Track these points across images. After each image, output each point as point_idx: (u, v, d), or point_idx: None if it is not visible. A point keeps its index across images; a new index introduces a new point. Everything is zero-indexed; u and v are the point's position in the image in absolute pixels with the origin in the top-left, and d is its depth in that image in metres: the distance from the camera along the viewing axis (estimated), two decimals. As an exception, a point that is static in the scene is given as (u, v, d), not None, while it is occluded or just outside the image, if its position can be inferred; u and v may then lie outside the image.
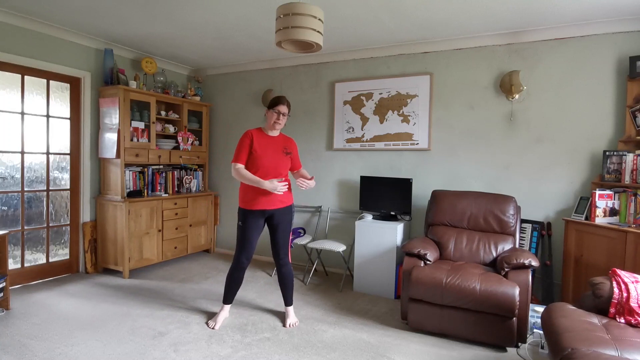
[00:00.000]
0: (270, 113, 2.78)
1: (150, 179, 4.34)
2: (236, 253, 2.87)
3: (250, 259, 2.89)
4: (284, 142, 2.89)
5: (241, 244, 2.84)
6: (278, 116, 2.76)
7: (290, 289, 3.01)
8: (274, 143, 2.83)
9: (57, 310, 3.09)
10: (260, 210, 2.79)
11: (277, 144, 2.84)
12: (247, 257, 2.86)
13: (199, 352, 2.50)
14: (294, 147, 2.95)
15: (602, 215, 2.97)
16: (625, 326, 2.00)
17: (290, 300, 3.01)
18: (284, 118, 2.80)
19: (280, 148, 2.84)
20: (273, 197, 2.78)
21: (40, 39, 3.65)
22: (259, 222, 2.84)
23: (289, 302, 3.00)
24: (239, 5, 3.07)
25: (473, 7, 2.99)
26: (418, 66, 3.95)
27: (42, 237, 3.85)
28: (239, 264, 2.86)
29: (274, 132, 2.86)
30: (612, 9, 2.93)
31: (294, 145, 2.96)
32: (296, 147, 3.00)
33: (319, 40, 2.25)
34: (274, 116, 2.77)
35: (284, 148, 2.86)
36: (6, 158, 3.56)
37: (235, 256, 2.87)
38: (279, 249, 2.92)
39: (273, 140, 2.84)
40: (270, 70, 4.76)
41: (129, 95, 3.99)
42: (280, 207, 2.84)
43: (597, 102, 3.25)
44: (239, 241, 2.85)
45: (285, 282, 2.99)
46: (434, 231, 3.36)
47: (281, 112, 2.76)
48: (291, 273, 3.01)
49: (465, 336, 2.68)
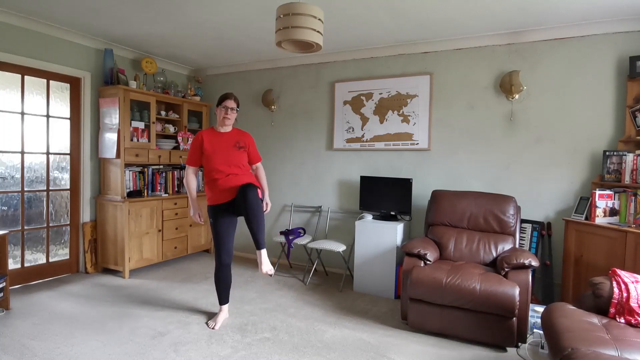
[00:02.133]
0: (219, 110, 2.84)
1: (150, 179, 4.34)
2: (216, 252, 2.86)
3: (231, 255, 2.87)
4: (237, 137, 2.89)
5: (217, 242, 2.82)
6: (226, 111, 2.81)
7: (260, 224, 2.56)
8: (224, 139, 2.85)
9: (57, 310, 3.09)
10: (225, 202, 2.77)
11: (228, 139, 2.85)
12: (227, 254, 2.84)
13: (199, 352, 2.50)
14: (249, 141, 2.95)
15: (602, 215, 2.97)
16: (625, 326, 2.00)
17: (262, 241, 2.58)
18: (233, 112, 2.83)
19: (231, 143, 2.84)
20: (234, 186, 2.72)
21: (40, 39, 3.65)
22: (229, 216, 2.82)
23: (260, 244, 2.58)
24: (239, 5, 3.07)
25: (473, 7, 2.99)
26: (418, 66, 3.94)
27: (42, 237, 3.85)
28: (222, 263, 2.85)
29: (226, 128, 2.89)
30: (612, 9, 2.93)
31: (249, 138, 2.96)
32: (252, 141, 2.99)
33: (319, 40, 2.25)
34: (222, 112, 2.82)
35: (236, 142, 2.86)
36: (6, 158, 3.56)
37: (216, 255, 2.86)
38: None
39: (224, 136, 2.86)
40: (270, 70, 4.76)
41: (129, 95, 3.99)
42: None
43: (597, 102, 3.25)
44: (215, 240, 2.83)
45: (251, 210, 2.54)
46: (434, 231, 3.36)
47: (228, 107, 2.81)
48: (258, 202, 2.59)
49: (465, 336, 2.68)
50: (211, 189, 2.81)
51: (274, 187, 4.75)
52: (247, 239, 4.90)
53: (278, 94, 4.71)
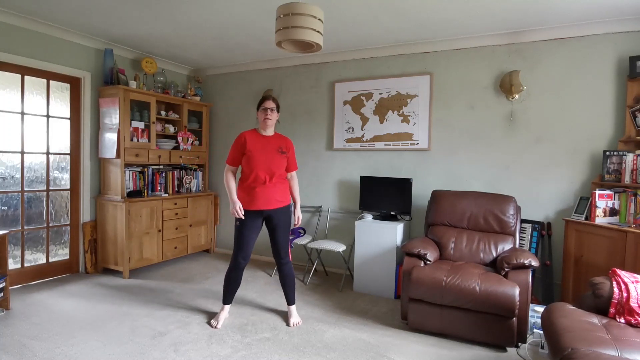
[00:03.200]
0: (259, 113, 2.84)
1: (150, 179, 4.34)
2: (234, 253, 2.88)
3: (248, 259, 2.89)
4: (279, 142, 2.90)
5: (238, 244, 2.84)
6: (266, 112, 2.80)
7: (292, 288, 3.01)
8: (268, 143, 2.85)
9: (57, 310, 3.09)
10: (257, 210, 2.81)
11: (271, 143, 2.86)
12: (244, 257, 2.85)
13: (199, 352, 2.50)
14: (290, 147, 2.95)
15: (602, 215, 2.97)
16: (625, 326, 2.00)
17: (292, 299, 3.02)
18: (273, 113, 2.82)
19: (274, 147, 2.85)
20: (270, 197, 2.80)
21: (40, 39, 3.65)
22: (256, 222, 2.85)
23: (291, 302, 3.01)
24: (239, 5, 3.07)
25: (473, 7, 2.99)
26: (418, 66, 3.95)
27: (42, 237, 3.85)
28: (237, 264, 2.86)
29: (268, 131, 2.88)
30: (612, 9, 2.93)
31: (290, 144, 2.96)
32: (293, 148, 3.00)
33: (319, 40, 2.25)
34: (262, 114, 2.82)
35: (279, 147, 2.87)
36: (6, 158, 3.56)
37: (233, 256, 2.87)
38: (279, 248, 2.93)
39: (267, 140, 2.86)
40: (270, 70, 4.76)
41: (129, 95, 3.99)
42: (278, 207, 2.85)
43: (597, 102, 3.25)
44: (236, 241, 2.86)
45: (286, 281, 2.99)
46: (434, 231, 3.36)
47: (268, 108, 2.80)
48: (292, 272, 3.02)
49: (465, 336, 2.68)
50: (247, 193, 2.81)
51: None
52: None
53: (278, 94, 4.71)
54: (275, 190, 2.83)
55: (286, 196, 2.92)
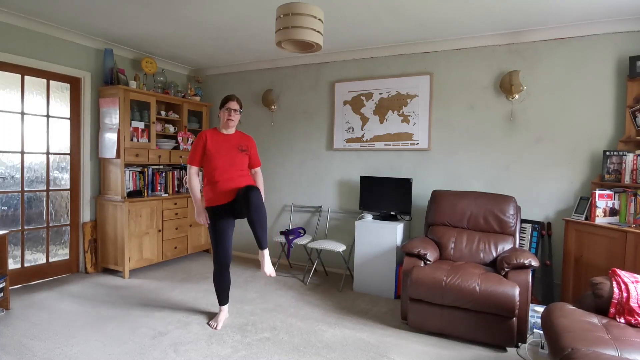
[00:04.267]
0: (222, 112, 2.85)
1: (150, 179, 4.34)
2: (214, 254, 2.85)
3: (230, 257, 2.87)
4: (240, 140, 2.90)
5: (215, 242, 2.82)
6: (229, 113, 2.81)
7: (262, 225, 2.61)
8: (228, 141, 2.85)
9: (57, 310, 3.09)
10: (225, 204, 2.78)
11: (232, 141, 2.86)
12: (225, 255, 2.84)
13: (199, 352, 2.50)
14: (251, 145, 2.96)
15: (602, 215, 2.97)
16: (625, 326, 2.00)
17: (264, 241, 2.66)
18: (236, 114, 2.84)
19: (234, 145, 2.85)
20: (233, 188, 2.75)
21: (40, 39, 3.65)
22: (227, 217, 2.82)
23: (263, 244, 2.67)
24: (239, 5, 3.07)
25: (473, 7, 2.99)
26: (418, 66, 3.95)
27: (42, 237, 3.85)
28: (221, 264, 2.85)
29: (229, 130, 2.89)
30: (612, 9, 2.93)
31: (251, 142, 2.97)
32: (254, 145, 3.00)
33: (319, 40, 2.25)
34: (225, 114, 2.82)
35: (239, 145, 2.87)
36: (6, 158, 3.56)
37: (214, 257, 2.85)
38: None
39: (228, 138, 2.87)
40: (270, 70, 4.76)
41: (129, 95, 3.99)
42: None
43: (597, 102, 3.25)
44: (212, 241, 2.84)
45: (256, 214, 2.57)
46: (434, 231, 3.36)
47: (232, 109, 2.81)
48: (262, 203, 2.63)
49: (465, 336, 2.68)
50: (211, 190, 2.80)
51: (274, 187, 4.75)
52: (247, 240, 4.90)
53: (278, 94, 4.71)
54: (239, 181, 2.78)
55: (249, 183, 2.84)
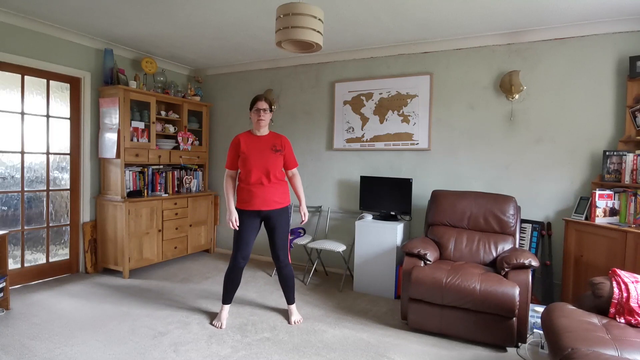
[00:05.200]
0: (252, 114, 2.87)
1: (150, 179, 4.34)
2: (233, 253, 2.88)
3: (248, 260, 2.90)
4: (273, 140, 2.90)
5: (237, 244, 2.85)
6: (259, 113, 2.82)
7: (291, 289, 3.03)
8: (261, 142, 2.86)
9: (57, 310, 3.09)
10: (255, 210, 2.82)
11: (264, 142, 2.87)
12: (243, 258, 2.86)
13: (199, 352, 2.50)
14: (285, 144, 2.94)
15: (602, 215, 2.97)
16: (625, 326, 2.00)
17: (292, 299, 3.04)
18: (266, 114, 2.84)
19: (268, 146, 2.86)
20: (268, 198, 2.81)
21: (40, 39, 3.65)
22: (255, 222, 2.86)
23: (291, 301, 3.03)
24: (239, 5, 3.07)
25: (473, 7, 2.99)
26: (418, 66, 3.95)
27: (42, 237, 3.85)
28: (236, 265, 2.87)
29: (262, 131, 2.89)
30: (612, 9, 2.93)
31: (286, 142, 2.96)
32: (289, 145, 2.98)
33: (319, 40, 2.25)
34: (255, 115, 2.84)
35: (273, 146, 2.87)
36: (6, 158, 3.56)
37: (232, 257, 2.88)
38: (278, 250, 2.93)
39: (261, 139, 2.88)
40: (270, 70, 4.76)
41: (129, 95, 3.99)
42: (276, 207, 2.86)
43: (597, 102, 3.25)
44: (235, 241, 2.87)
45: (287, 282, 3.01)
46: (434, 231, 3.36)
47: (261, 109, 2.82)
48: (292, 273, 3.03)
49: (465, 336, 2.68)
50: (246, 193, 2.83)
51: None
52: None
53: (278, 94, 4.71)
54: (273, 191, 2.84)
55: (285, 197, 2.92)
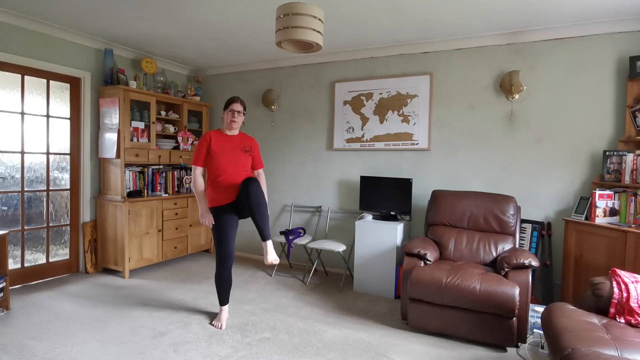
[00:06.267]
0: (226, 113, 2.89)
1: (150, 179, 4.34)
2: (217, 253, 2.86)
3: (233, 257, 2.89)
4: (243, 141, 2.94)
5: (219, 242, 2.84)
6: (233, 115, 2.85)
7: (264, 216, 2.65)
8: (232, 142, 2.89)
9: (57, 310, 3.09)
10: (229, 203, 2.81)
11: (235, 142, 2.90)
12: (228, 256, 2.85)
13: (199, 352, 2.50)
14: (254, 146, 3.00)
15: (602, 215, 2.97)
16: (625, 326, 2.00)
17: (267, 232, 2.68)
18: (239, 116, 2.87)
19: (238, 146, 2.89)
20: (235, 187, 2.78)
21: (40, 39, 3.65)
22: (231, 216, 2.84)
23: (266, 236, 2.68)
24: (239, 5, 3.07)
25: (473, 7, 2.99)
26: (418, 66, 3.94)
27: (42, 237, 3.85)
28: (223, 264, 2.86)
29: (233, 131, 2.93)
30: (612, 9, 2.93)
31: (254, 144, 3.02)
32: (257, 146, 3.04)
33: (319, 40, 2.25)
34: (229, 115, 2.86)
35: (243, 146, 2.91)
36: (6, 158, 3.56)
37: (217, 257, 2.86)
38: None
39: (231, 139, 2.90)
40: (270, 70, 4.76)
41: (129, 95, 3.99)
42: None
43: (597, 102, 3.25)
44: (216, 241, 2.85)
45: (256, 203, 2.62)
46: (434, 231, 3.36)
47: (235, 111, 2.84)
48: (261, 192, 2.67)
49: (465, 336, 2.68)
50: (214, 190, 2.82)
51: (274, 187, 4.75)
52: (247, 239, 4.90)
53: (278, 94, 4.71)
54: (240, 176, 2.81)
55: None
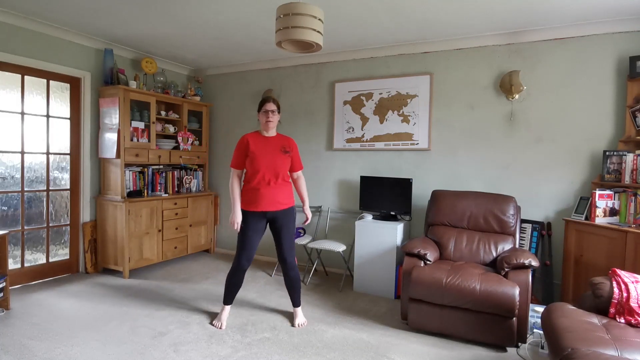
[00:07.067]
0: (260, 115, 2.86)
1: (150, 179, 4.34)
2: (237, 255, 2.87)
3: (251, 261, 2.89)
4: (282, 142, 2.90)
5: (241, 245, 2.84)
6: (267, 115, 2.82)
7: (298, 291, 3.00)
8: (270, 143, 2.86)
9: (57, 310, 3.09)
10: (261, 211, 2.81)
11: (274, 143, 2.86)
12: (247, 259, 2.85)
13: (199, 352, 2.50)
14: (293, 147, 2.95)
15: (602, 215, 2.97)
16: (625, 326, 2.00)
17: (298, 301, 3.01)
18: (274, 115, 2.84)
19: (277, 147, 2.86)
20: (273, 199, 2.80)
21: (40, 39, 3.65)
22: (260, 224, 2.85)
23: (297, 304, 3.01)
24: (239, 5, 3.07)
25: (473, 7, 2.99)
26: (418, 66, 3.95)
27: (42, 237, 3.85)
28: (239, 266, 2.86)
29: (270, 132, 2.89)
30: (612, 9, 2.93)
31: (293, 144, 2.96)
32: (296, 147, 2.99)
33: (319, 40, 2.25)
34: (264, 117, 2.84)
35: (282, 147, 2.87)
36: (6, 158, 3.56)
37: (236, 258, 2.87)
38: (285, 252, 2.90)
39: (269, 140, 2.87)
40: (270, 70, 4.76)
41: (129, 95, 3.99)
42: (282, 208, 2.84)
43: (597, 102, 3.25)
44: (239, 243, 2.85)
45: (293, 285, 2.98)
46: (434, 231, 3.36)
47: (269, 110, 2.82)
48: (299, 276, 3.00)
49: (465, 336, 2.68)
50: (251, 193, 2.81)
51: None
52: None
53: (278, 94, 4.71)
54: (279, 192, 2.83)
55: (290, 198, 2.91)
